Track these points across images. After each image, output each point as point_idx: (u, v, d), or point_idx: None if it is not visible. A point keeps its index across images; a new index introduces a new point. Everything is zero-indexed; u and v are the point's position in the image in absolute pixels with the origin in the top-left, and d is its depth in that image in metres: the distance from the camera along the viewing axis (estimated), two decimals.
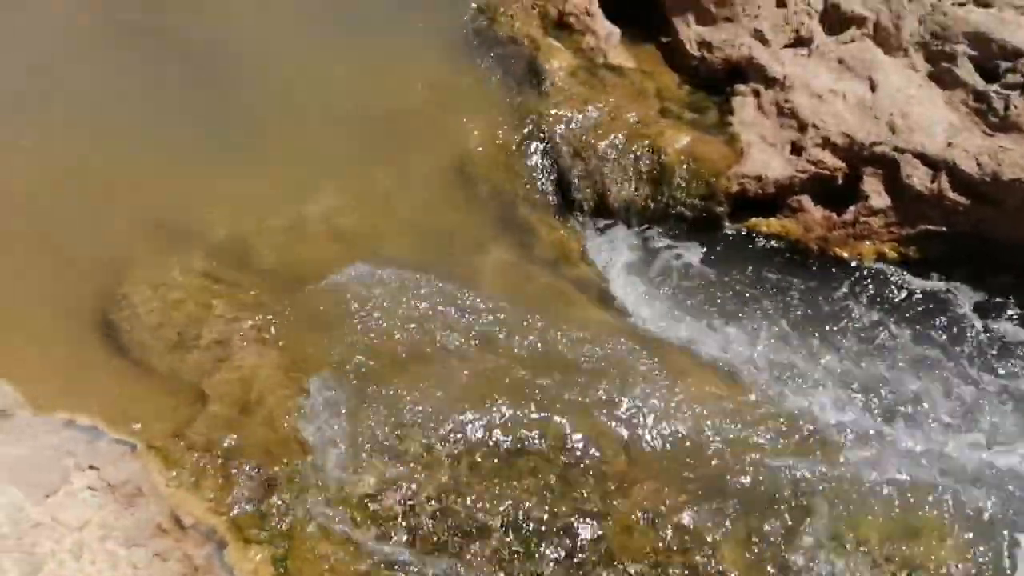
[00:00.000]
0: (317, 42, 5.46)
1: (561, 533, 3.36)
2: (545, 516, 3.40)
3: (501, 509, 3.38)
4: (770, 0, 5.01)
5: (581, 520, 3.41)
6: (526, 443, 3.60)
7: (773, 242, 4.60)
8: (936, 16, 4.60)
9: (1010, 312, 4.19)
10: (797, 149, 4.58)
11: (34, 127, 4.88)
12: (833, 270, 4.44)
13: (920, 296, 4.31)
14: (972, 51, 4.47)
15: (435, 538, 3.33)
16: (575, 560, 3.33)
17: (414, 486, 3.41)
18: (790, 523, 3.35)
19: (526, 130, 4.91)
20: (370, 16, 5.62)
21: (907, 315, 4.25)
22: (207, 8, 5.68)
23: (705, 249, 4.64)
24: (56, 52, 5.36)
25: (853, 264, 4.43)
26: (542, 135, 4.89)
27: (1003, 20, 4.48)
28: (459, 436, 3.60)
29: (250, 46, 5.40)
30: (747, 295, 4.43)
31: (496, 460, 3.56)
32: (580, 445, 3.61)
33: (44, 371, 3.81)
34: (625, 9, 5.52)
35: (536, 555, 3.33)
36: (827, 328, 4.25)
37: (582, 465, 3.56)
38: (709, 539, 3.34)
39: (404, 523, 3.34)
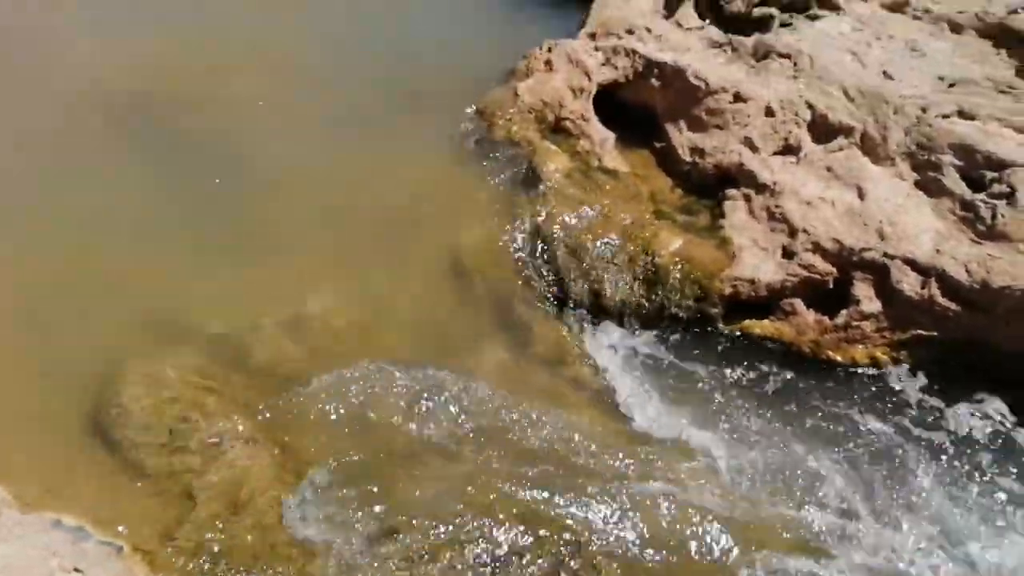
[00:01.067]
0: (319, 142, 5.59)
1: None
2: None
3: None
4: (759, 109, 5.17)
5: None
6: (521, 545, 3.55)
7: (767, 344, 4.61)
8: (922, 127, 4.74)
9: (1001, 420, 4.19)
10: (788, 253, 4.65)
11: (30, 220, 4.94)
12: (826, 373, 4.45)
13: (912, 401, 4.31)
14: (958, 161, 4.60)
15: None
16: None
17: None
18: None
19: (523, 230, 4.98)
20: (371, 117, 5.77)
21: (900, 420, 4.24)
22: (211, 106, 5.84)
23: (700, 350, 4.65)
24: (56, 144, 5.48)
25: (846, 368, 4.45)
26: (539, 235, 4.96)
27: (987, 132, 4.63)
28: (453, 539, 3.55)
29: (252, 145, 5.53)
30: (742, 397, 4.42)
31: (491, 564, 3.50)
32: (575, 549, 3.56)
33: (32, 469, 3.76)
34: (619, 115, 5.69)
35: None
36: (820, 432, 4.24)
37: (577, 570, 3.50)
38: None
39: None
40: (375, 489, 3.69)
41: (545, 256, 4.91)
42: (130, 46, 6.38)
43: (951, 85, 5.00)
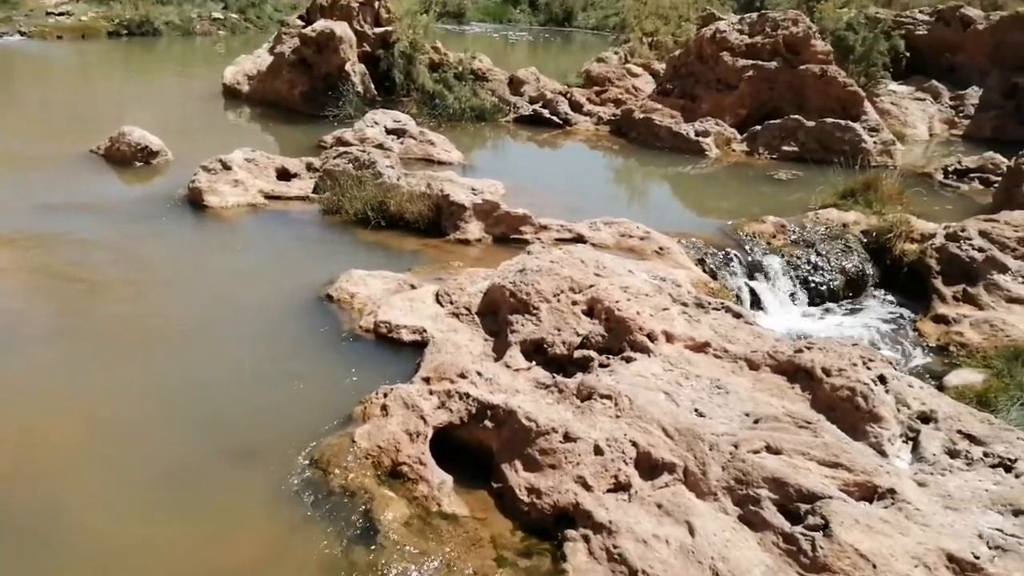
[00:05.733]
0: (141, 506, 5.26)
1: None
2: None
3: None
4: (588, 448, 5.40)
5: None
6: None
7: None
8: (736, 463, 5.07)
9: None
10: None
11: None
12: None
13: None
14: (773, 495, 4.89)
15: None
16: None
17: None
18: None
19: None
20: (198, 475, 5.53)
21: None
22: (26, 472, 5.47)
23: None
24: None
25: None
26: None
27: (795, 466, 4.99)
28: None
29: (67, 514, 5.15)
30: None
31: None
32: None
33: None
34: (457, 456, 5.78)
35: None
36: None
37: None
38: None
39: None
40: None
41: None
42: None
43: (756, 421, 5.44)
